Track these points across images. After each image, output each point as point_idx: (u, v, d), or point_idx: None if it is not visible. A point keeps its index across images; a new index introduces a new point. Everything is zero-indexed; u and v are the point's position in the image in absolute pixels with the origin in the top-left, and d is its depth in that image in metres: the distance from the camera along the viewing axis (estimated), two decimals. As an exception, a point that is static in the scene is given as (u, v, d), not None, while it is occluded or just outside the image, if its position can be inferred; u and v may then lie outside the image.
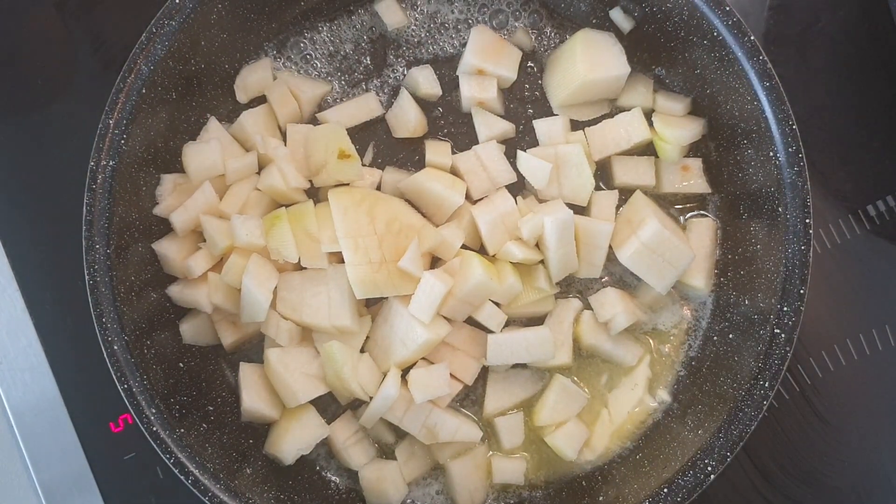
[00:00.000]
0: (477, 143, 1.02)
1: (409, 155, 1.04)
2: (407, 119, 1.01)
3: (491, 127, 1.02)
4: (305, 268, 0.96)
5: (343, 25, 1.05)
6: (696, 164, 1.02)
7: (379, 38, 1.05)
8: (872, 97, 1.10)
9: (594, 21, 1.04)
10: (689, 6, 0.92)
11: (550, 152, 0.99)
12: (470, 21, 1.05)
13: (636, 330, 1.02)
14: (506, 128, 1.02)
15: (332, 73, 1.05)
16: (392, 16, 1.04)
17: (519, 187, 1.01)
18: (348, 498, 0.99)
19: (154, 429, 0.87)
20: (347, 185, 0.99)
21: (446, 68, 1.05)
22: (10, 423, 1.01)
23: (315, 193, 1.01)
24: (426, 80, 1.02)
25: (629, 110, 1.01)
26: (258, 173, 1.00)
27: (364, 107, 1.03)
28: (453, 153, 1.01)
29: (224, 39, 0.98)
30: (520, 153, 1.00)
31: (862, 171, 1.09)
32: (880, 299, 1.07)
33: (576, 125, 1.03)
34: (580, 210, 1.00)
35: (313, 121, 1.04)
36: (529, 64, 1.05)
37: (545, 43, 1.05)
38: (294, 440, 0.95)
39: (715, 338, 1.00)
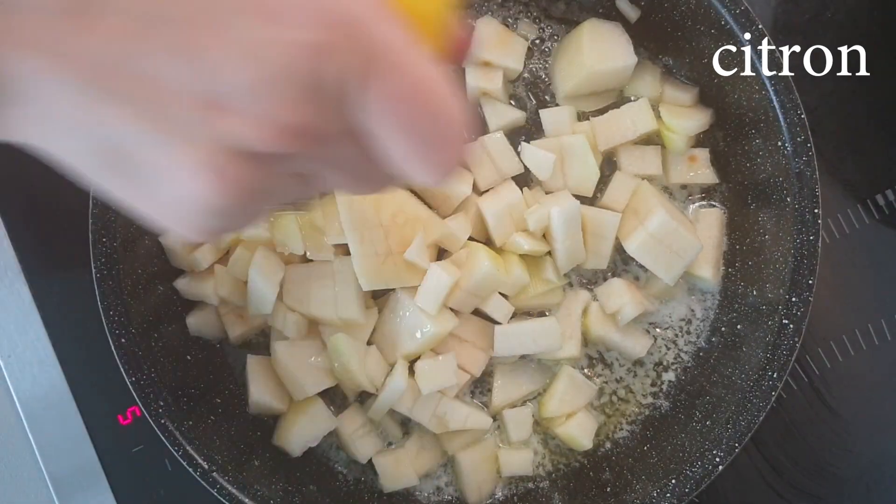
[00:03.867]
0: (482, 134, 1.02)
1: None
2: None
3: (501, 116, 1.01)
4: (312, 260, 0.96)
5: (348, 17, 1.05)
6: (703, 154, 1.02)
7: (384, 29, 1.05)
8: (882, 86, 1.09)
9: (600, 11, 1.03)
10: (696, -6, 0.91)
11: (555, 143, 0.99)
12: (475, 12, 1.04)
13: (644, 321, 1.02)
14: (515, 116, 1.01)
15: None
16: (397, 7, 1.03)
17: (525, 178, 1.01)
18: (356, 489, 0.99)
19: (162, 421, 0.87)
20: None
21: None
22: (20, 416, 1.01)
23: (321, 186, 1.01)
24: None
25: (636, 100, 1.00)
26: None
27: None
28: (460, 144, 1.01)
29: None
30: (524, 145, 0.99)
31: (871, 160, 1.08)
32: (889, 289, 1.06)
33: (582, 115, 1.03)
34: (586, 200, 0.99)
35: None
36: (535, 55, 1.05)
37: (551, 33, 1.05)
38: (302, 432, 0.95)
39: (723, 328, 1.00)
